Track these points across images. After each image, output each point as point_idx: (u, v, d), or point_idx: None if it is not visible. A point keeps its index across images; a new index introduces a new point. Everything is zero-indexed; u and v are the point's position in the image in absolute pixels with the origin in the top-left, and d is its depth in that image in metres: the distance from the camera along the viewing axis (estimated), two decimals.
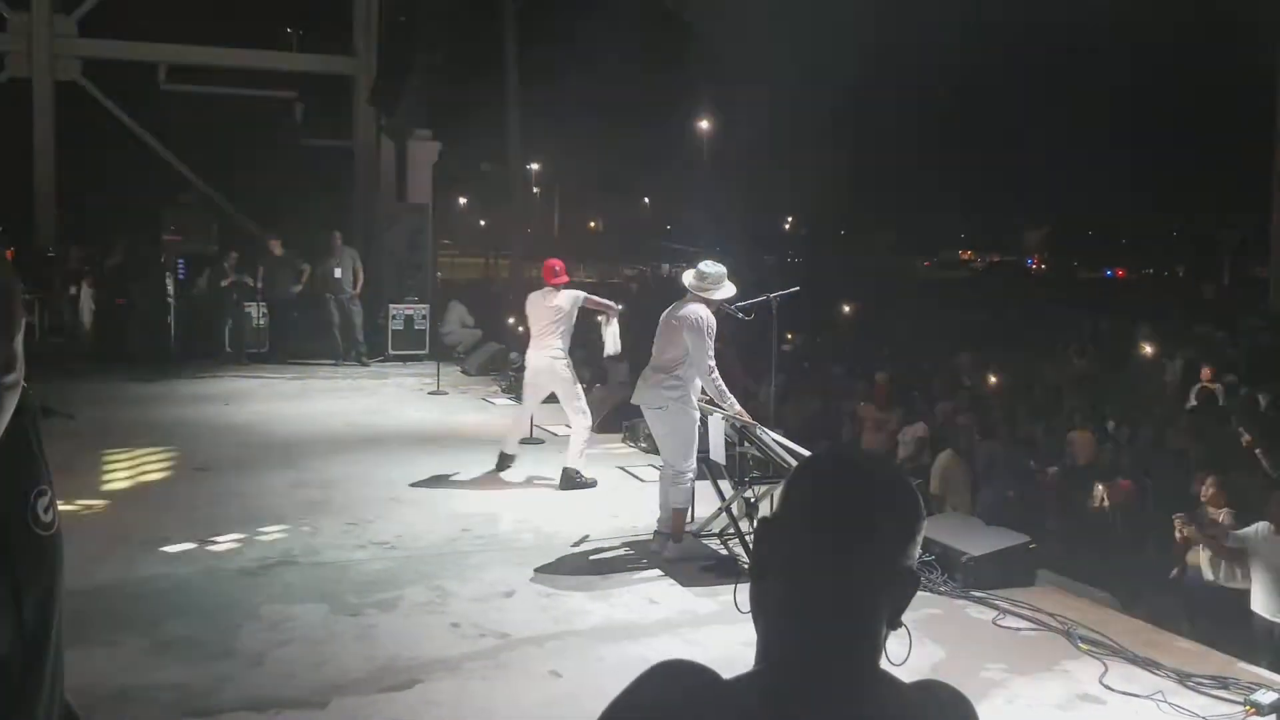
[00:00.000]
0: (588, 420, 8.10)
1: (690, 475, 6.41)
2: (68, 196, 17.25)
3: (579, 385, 8.26)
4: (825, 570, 1.24)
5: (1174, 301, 20.49)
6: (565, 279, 8.22)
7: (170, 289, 15.13)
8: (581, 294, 8.25)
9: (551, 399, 8.45)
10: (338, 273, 15.02)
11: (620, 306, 8.39)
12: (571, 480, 7.92)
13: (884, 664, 1.28)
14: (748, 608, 1.29)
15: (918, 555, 1.29)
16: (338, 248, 15.13)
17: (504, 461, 8.43)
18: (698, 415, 6.46)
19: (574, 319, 8.14)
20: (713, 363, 6.34)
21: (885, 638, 1.28)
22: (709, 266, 6.53)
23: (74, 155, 17.31)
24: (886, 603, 1.26)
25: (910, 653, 1.34)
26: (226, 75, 18.84)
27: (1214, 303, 21.82)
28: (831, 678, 1.23)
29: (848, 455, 1.35)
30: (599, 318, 8.38)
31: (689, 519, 6.59)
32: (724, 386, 6.40)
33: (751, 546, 1.32)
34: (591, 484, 7.99)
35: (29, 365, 1.27)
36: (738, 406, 6.45)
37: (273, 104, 19.68)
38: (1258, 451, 7.94)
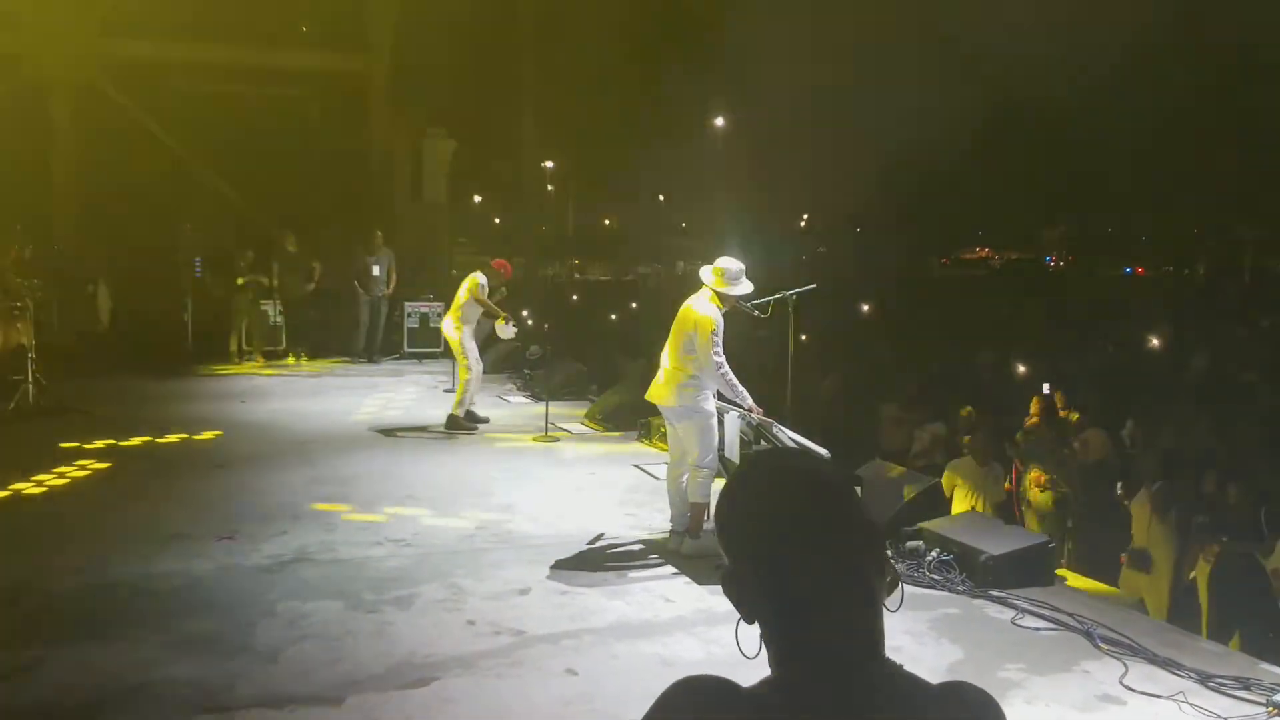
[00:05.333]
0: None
1: (710, 470, 6.39)
2: (85, 196, 17.35)
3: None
4: (800, 566, 1.24)
5: (1195, 299, 20.37)
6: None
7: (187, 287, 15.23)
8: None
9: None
10: (376, 270, 15.03)
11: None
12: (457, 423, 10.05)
13: (898, 634, 1.27)
14: (752, 652, 1.29)
15: (867, 511, 1.30)
16: (378, 246, 15.15)
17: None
18: (714, 409, 6.44)
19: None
20: (721, 359, 6.31)
21: (883, 603, 1.28)
22: (726, 262, 6.48)
23: (92, 155, 17.41)
24: (864, 564, 1.26)
25: (901, 603, 1.34)
26: (241, 74, 18.91)
27: (1236, 300, 21.63)
28: (846, 676, 1.21)
29: (756, 469, 1.35)
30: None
31: (706, 516, 6.56)
32: (735, 381, 6.36)
33: (730, 598, 1.30)
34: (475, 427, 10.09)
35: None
36: (750, 401, 6.42)
37: (288, 103, 19.74)
38: None
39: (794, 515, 1.26)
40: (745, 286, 6.45)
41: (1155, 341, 13.26)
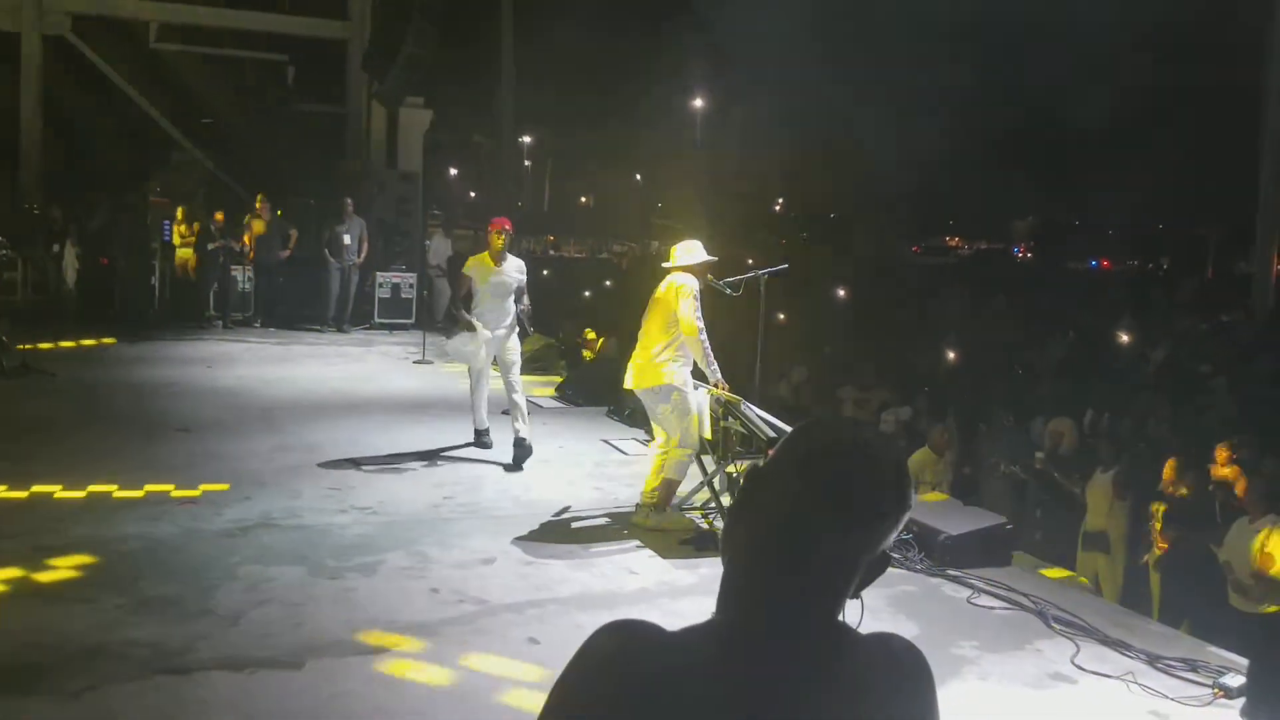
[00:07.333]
0: None
1: (691, 450, 6.42)
2: (54, 154, 17.07)
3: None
4: (816, 540, 1.26)
5: (1157, 294, 20.68)
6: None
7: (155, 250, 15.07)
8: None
9: None
10: (347, 239, 14.92)
11: None
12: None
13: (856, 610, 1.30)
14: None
15: (893, 543, 1.32)
16: (349, 214, 15.03)
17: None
18: (692, 389, 6.46)
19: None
20: (701, 324, 6.36)
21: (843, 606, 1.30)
22: (681, 244, 6.67)
23: (61, 112, 17.13)
24: (859, 578, 1.29)
25: (861, 621, 1.37)
26: (217, 36, 18.66)
27: (1196, 296, 21.92)
28: (792, 631, 1.24)
29: (860, 433, 1.35)
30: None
31: (674, 494, 6.59)
32: (710, 351, 6.41)
33: (740, 488, 1.33)
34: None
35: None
36: (719, 375, 6.47)
37: (264, 66, 19.50)
38: None
39: (832, 491, 1.27)
40: (701, 254, 6.55)
41: (1124, 337, 13.39)
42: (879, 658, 1.29)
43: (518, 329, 7.87)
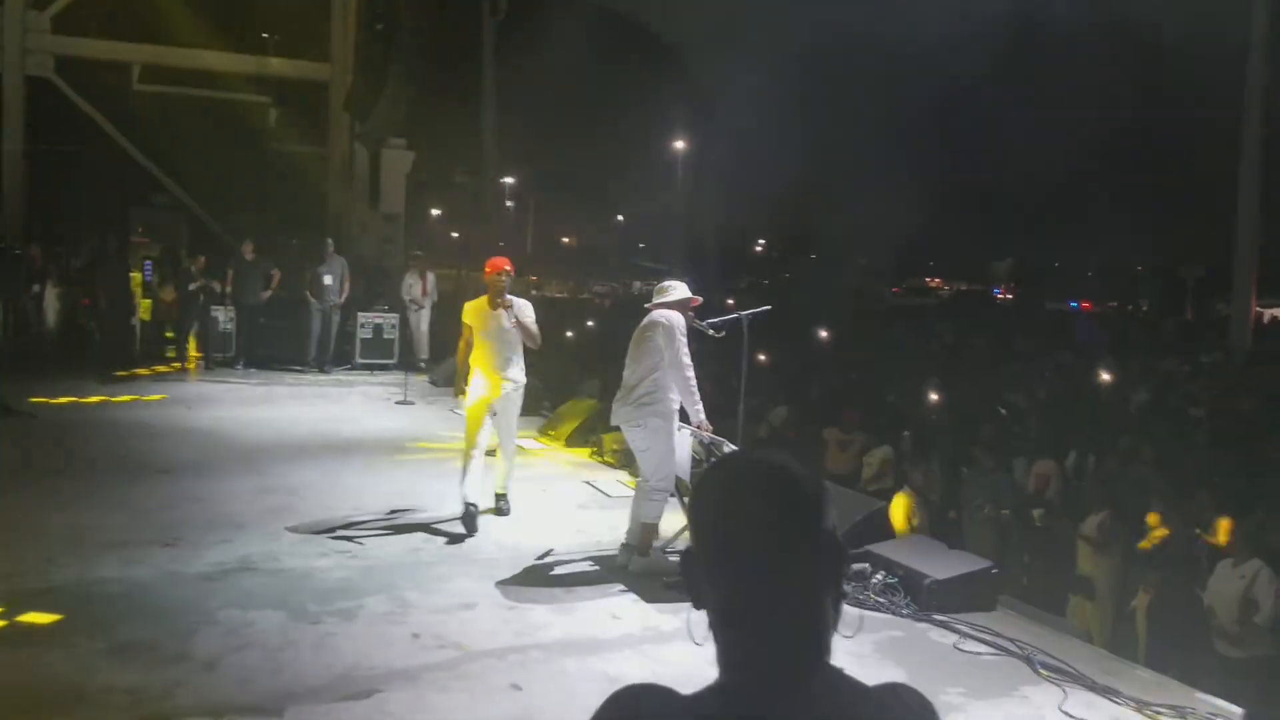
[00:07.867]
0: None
1: (665, 491, 6.40)
2: (37, 194, 17.04)
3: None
4: (757, 568, 1.26)
5: (1138, 335, 20.93)
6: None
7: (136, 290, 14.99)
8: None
9: None
10: (327, 280, 14.89)
11: None
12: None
13: (841, 655, 1.29)
14: (701, 636, 1.31)
15: (834, 523, 1.31)
16: (329, 255, 15.02)
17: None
18: (675, 428, 6.44)
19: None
20: (689, 359, 6.36)
21: (835, 622, 1.29)
22: (662, 284, 6.73)
23: (44, 153, 17.13)
24: (822, 578, 1.28)
25: (860, 628, 1.37)
26: (200, 78, 18.74)
27: (1176, 337, 22.14)
28: (790, 682, 1.23)
29: (733, 462, 1.37)
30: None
31: (655, 536, 6.56)
32: (695, 386, 6.39)
33: (680, 573, 1.34)
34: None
35: None
36: (703, 415, 6.45)
37: (246, 108, 19.57)
38: None
39: (750, 514, 1.28)
40: (682, 289, 6.58)
41: (1105, 376, 13.43)
42: (890, 707, 1.28)
43: (523, 380, 7.48)
